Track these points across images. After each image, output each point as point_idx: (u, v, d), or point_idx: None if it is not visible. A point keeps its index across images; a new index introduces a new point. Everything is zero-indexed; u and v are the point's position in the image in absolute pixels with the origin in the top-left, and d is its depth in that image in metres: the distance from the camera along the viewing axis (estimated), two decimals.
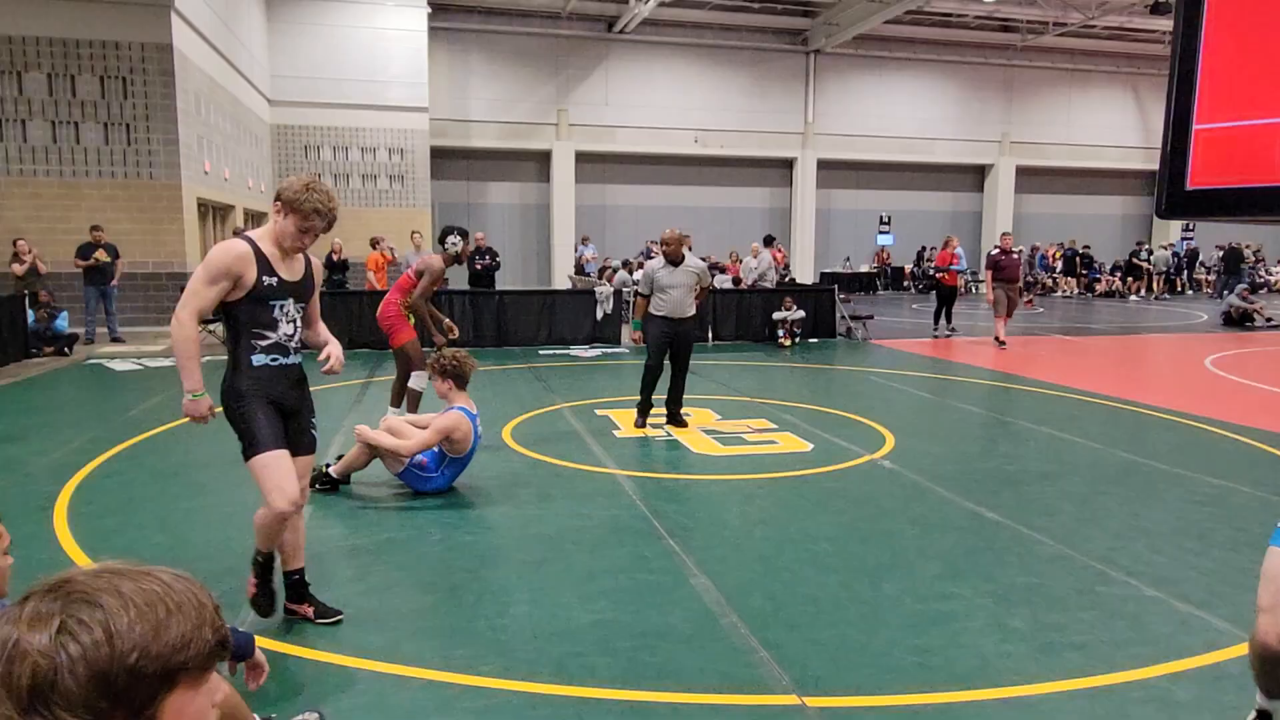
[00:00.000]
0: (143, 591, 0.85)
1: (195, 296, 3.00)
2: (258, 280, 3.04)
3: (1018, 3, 22.56)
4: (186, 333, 3.02)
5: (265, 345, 3.12)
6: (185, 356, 3.06)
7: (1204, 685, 2.93)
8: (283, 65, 19.13)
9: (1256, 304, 15.72)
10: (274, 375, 3.15)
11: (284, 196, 3.05)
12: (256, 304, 3.06)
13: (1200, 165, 0.80)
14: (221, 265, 2.99)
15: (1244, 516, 4.73)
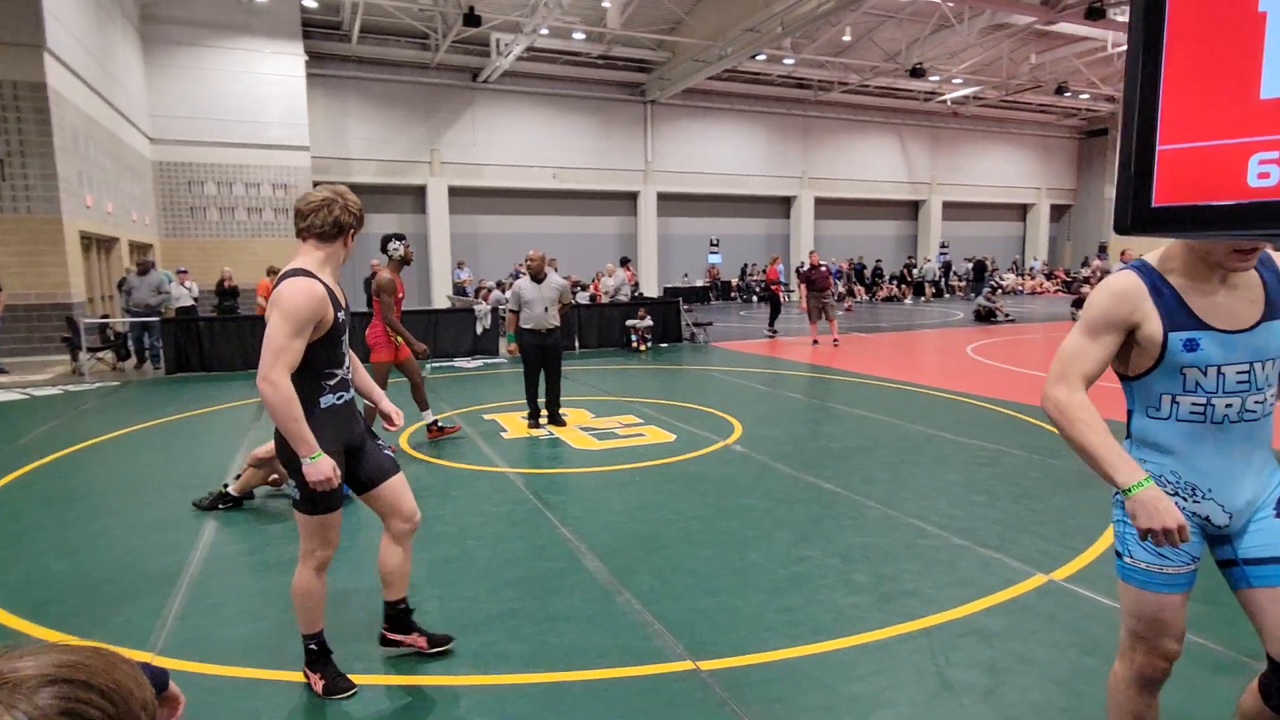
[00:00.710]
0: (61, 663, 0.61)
1: (284, 352, 2.35)
2: (335, 317, 2.48)
3: (810, 65, 23.80)
4: (284, 393, 2.34)
5: (334, 383, 2.53)
6: (290, 419, 2.36)
7: (1010, 616, 3.08)
8: (162, 105, 17.31)
9: (998, 304, 17.28)
10: (341, 414, 2.56)
11: (346, 222, 2.57)
12: (333, 341, 2.50)
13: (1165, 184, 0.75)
14: (307, 312, 2.37)
15: (1017, 473, 5.10)
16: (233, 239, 18.17)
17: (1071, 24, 19.25)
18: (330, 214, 2.54)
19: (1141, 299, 1.70)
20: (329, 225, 2.54)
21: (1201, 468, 1.72)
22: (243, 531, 4.28)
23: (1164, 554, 1.73)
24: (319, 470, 2.38)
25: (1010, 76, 24.49)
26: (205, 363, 10.73)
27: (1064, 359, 1.79)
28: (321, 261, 2.55)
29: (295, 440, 2.37)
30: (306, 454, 2.37)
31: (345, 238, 2.60)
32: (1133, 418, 1.84)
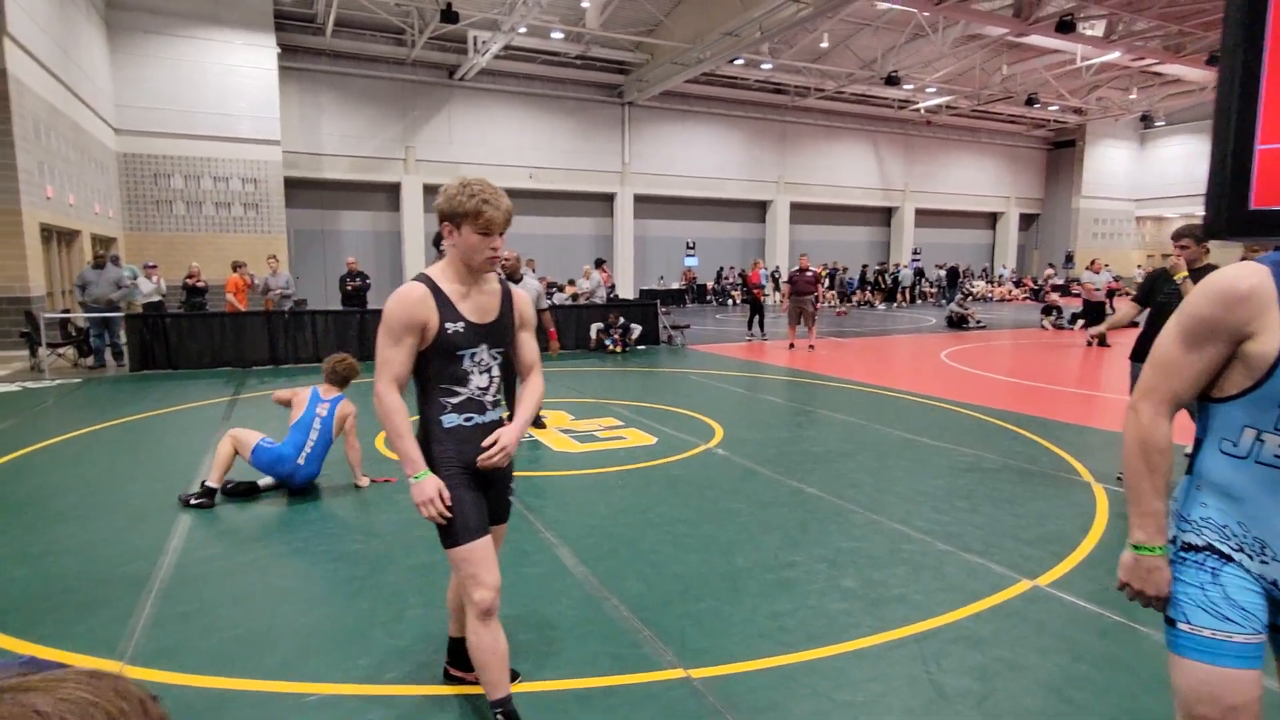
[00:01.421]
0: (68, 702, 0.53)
1: (386, 365, 2.17)
2: (440, 328, 2.18)
3: (788, 71, 23.97)
4: (386, 406, 2.14)
5: (456, 403, 2.24)
6: (394, 434, 2.15)
7: (998, 621, 3.09)
8: (129, 95, 16.85)
9: (970, 310, 17.53)
10: (469, 438, 2.25)
11: (446, 210, 2.19)
12: (443, 356, 2.21)
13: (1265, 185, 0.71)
14: (402, 318, 2.15)
15: (997, 479, 5.15)
16: (200, 234, 17.75)
17: (1042, 36, 19.65)
18: (439, 206, 2.22)
19: (1268, 305, 1.30)
20: (440, 219, 2.22)
21: (1276, 524, 1.38)
22: (214, 534, 4.14)
23: (1229, 617, 1.40)
24: (422, 490, 2.15)
25: (982, 86, 24.93)
26: (172, 360, 10.44)
27: (1157, 368, 1.47)
28: (443, 267, 2.26)
29: (401, 456, 2.17)
30: (410, 473, 2.16)
31: (449, 232, 2.20)
32: (1202, 450, 1.50)
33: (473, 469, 2.26)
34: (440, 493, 2.15)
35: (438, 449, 2.23)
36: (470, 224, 2.16)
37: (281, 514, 4.52)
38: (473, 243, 2.18)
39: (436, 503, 2.15)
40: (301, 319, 11.27)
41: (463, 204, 2.15)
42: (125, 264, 12.43)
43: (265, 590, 3.46)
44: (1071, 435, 6.50)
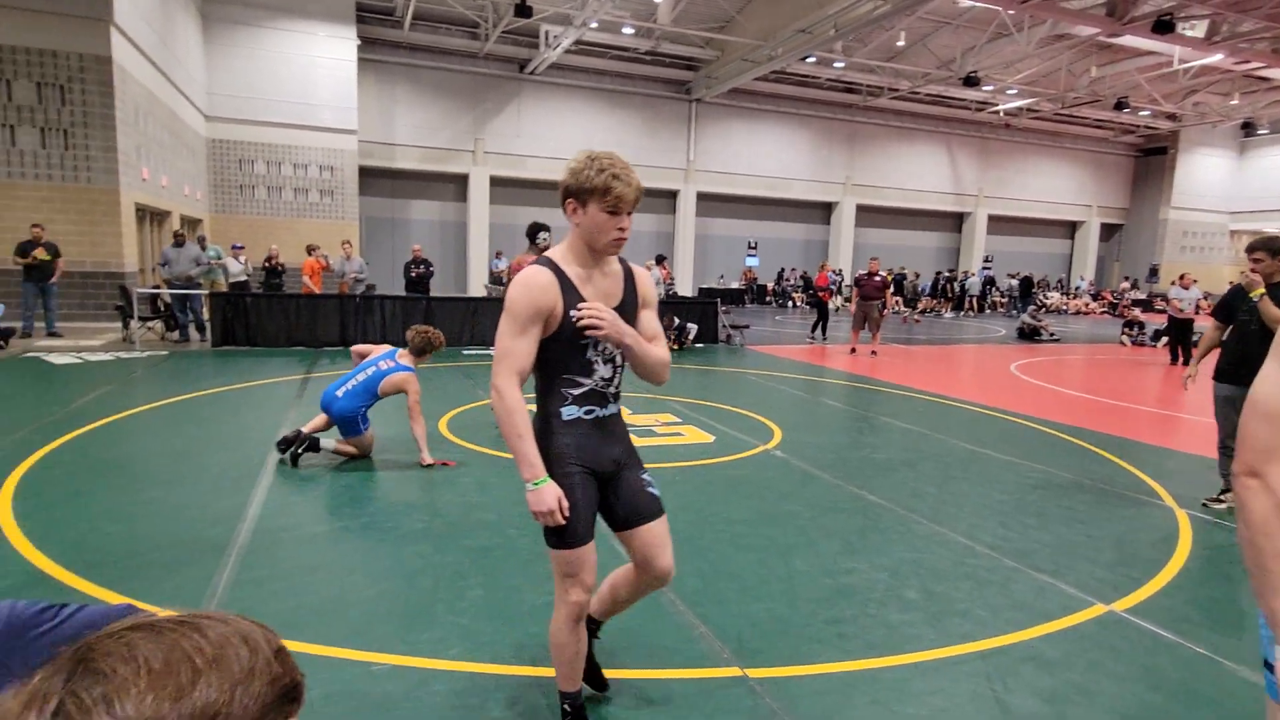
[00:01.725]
0: (165, 649, 0.58)
1: (509, 356, 1.99)
2: (564, 315, 2.02)
3: (860, 70, 23.51)
4: (506, 403, 1.97)
5: (578, 394, 2.10)
6: (513, 434, 1.98)
7: (1069, 644, 2.99)
8: (219, 84, 17.67)
9: (1043, 321, 16.91)
10: (590, 432, 2.11)
11: (572, 186, 2.01)
12: (566, 344, 2.05)
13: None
14: (527, 307, 1.99)
15: (1069, 497, 4.96)
16: (279, 218, 18.50)
17: (1137, 37, 18.75)
18: (564, 182, 2.04)
19: None
20: (563, 197, 2.05)
21: None
22: (288, 505, 4.32)
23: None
24: (540, 499, 1.97)
25: (1068, 89, 23.95)
26: (250, 337, 10.93)
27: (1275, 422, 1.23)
28: (565, 248, 2.11)
29: (517, 459, 1.99)
30: (529, 478, 1.99)
31: (573, 210, 2.03)
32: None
33: (590, 466, 2.11)
34: (560, 503, 1.99)
35: (555, 442, 2.08)
36: (597, 201, 1.99)
37: (349, 491, 4.68)
38: (599, 221, 2.01)
39: (556, 515, 1.98)
40: (371, 303, 11.64)
41: (590, 179, 1.98)
42: (210, 244, 13.06)
43: (335, 562, 3.60)
44: (1150, 456, 6.21)
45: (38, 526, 3.84)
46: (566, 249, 2.10)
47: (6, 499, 4.22)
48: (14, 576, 3.27)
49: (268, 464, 5.08)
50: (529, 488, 2.00)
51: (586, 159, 2.01)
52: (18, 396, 7.09)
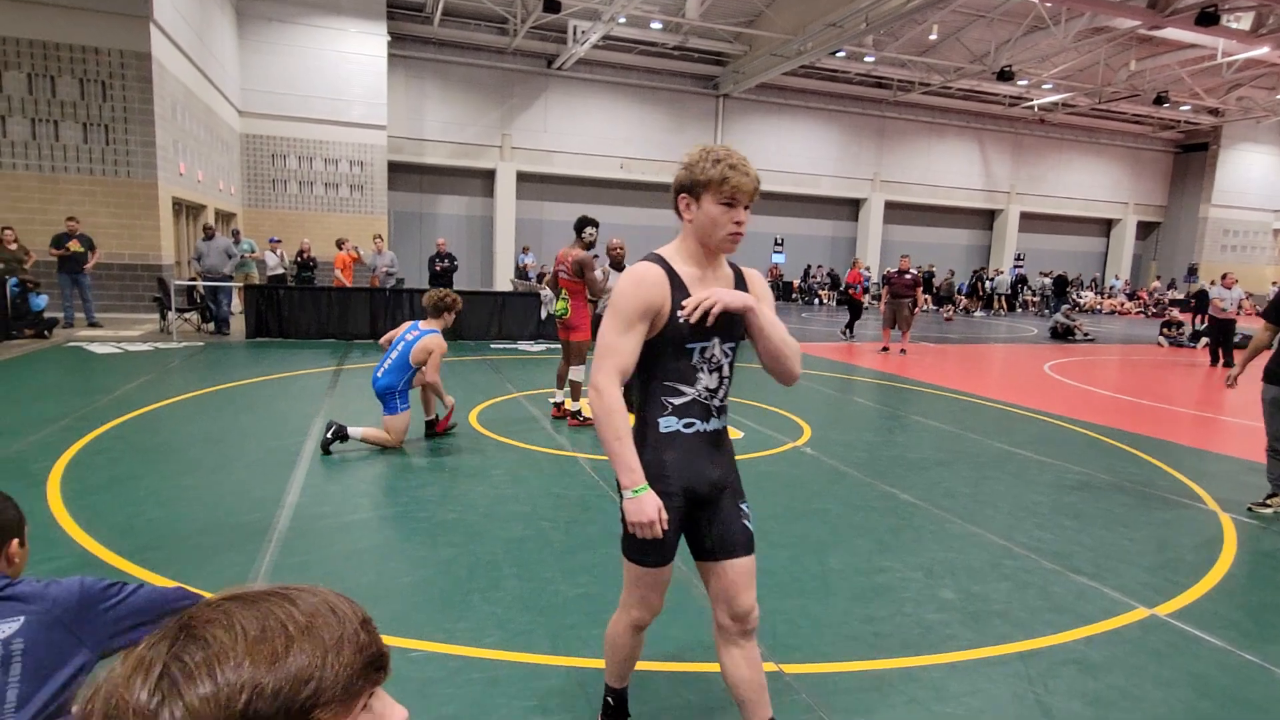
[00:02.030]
0: (260, 617, 0.60)
1: (611, 353, 1.85)
2: (671, 316, 1.88)
3: (891, 64, 23.23)
4: (605, 403, 1.82)
5: (679, 405, 1.92)
6: (611, 436, 1.82)
7: (1112, 648, 2.94)
8: (253, 79, 17.94)
9: (1077, 321, 16.60)
10: (690, 448, 1.93)
11: (686, 180, 1.91)
12: (669, 348, 1.90)
13: None
14: (635, 303, 1.85)
15: (1108, 499, 4.87)
16: (310, 212, 18.75)
17: (1179, 30, 18.30)
18: (678, 177, 1.95)
19: None
20: (676, 192, 1.95)
21: None
22: (324, 494, 4.39)
23: None
24: (641, 508, 1.81)
25: (1106, 83, 23.45)
26: (283, 329, 11.10)
27: None
28: (678, 246, 1.97)
29: (614, 463, 1.83)
30: (627, 484, 1.82)
31: (686, 205, 1.93)
32: None
33: (685, 486, 1.92)
34: (661, 514, 1.82)
35: (649, 456, 1.90)
36: (713, 194, 1.87)
37: (383, 481, 4.75)
38: (714, 215, 1.87)
39: (656, 526, 1.81)
40: (400, 296, 11.76)
41: (705, 171, 1.87)
42: (245, 238, 13.29)
43: (372, 549, 3.66)
44: (1193, 459, 6.08)
45: (85, 510, 3.95)
46: (678, 247, 1.97)
47: (55, 483, 4.34)
48: (66, 558, 3.36)
49: (304, 452, 5.17)
50: (627, 495, 1.82)
51: (701, 151, 1.90)
52: (63, 384, 7.28)
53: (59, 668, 1.50)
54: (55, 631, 1.50)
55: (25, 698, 1.46)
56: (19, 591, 1.51)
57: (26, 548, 1.72)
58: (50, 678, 1.48)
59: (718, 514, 1.98)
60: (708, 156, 1.89)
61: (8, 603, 1.49)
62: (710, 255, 1.96)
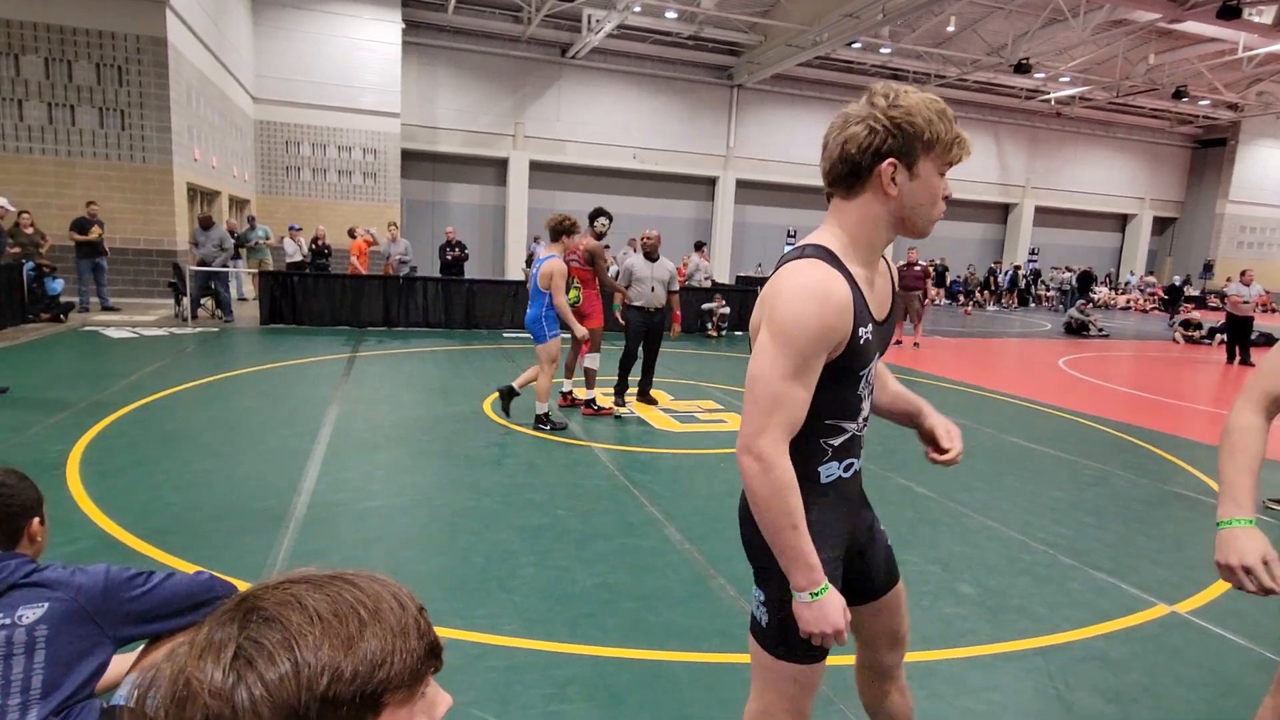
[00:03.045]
0: (331, 601, 0.59)
1: (779, 406, 1.33)
2: (852, 336, 1.37)
3: (907, 56, 23.01)
4: (776, 479, 1.32)
5: (839, 444, 1.48)
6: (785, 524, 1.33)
7: (1132, 645, 2.92)
8: (267, 66, 17.95)
9: (1092, 317, 16.47)
10: (849, 494, 1.54)
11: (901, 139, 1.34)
12: (840, 378, 1.42)
13: None
14: (819, 334, 1.32)
15: (1127, 496, 4.84)
16: (323, 200, 18.78)
17: (1200, 23, 18.03)
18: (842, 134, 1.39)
19: None
20: (839, 161, 1.39)
21: None
22: (339, 481, 4.41)
23: None
24: (823, 617, 1.36)
25: (1124, 77, 23.17)
26: (297, 316, 11.14)
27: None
28: (836, 234, 1.43)
29: (787, 558, 1.36)
30: (805, 586, 1.36)
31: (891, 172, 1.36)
32: None
33: (849, 544, 1.56)
34: (846, 617, 1.39)
35: (812, 518, 1.43)
36: (938, 158, 1.37)
37: (399, 467, 4.76)
38: (933, 186, 1.38)
39: (843, 635, 1.39)
40: (414, 285, 11.78)
41: (932, 126, 1.33)
42: (260, 224, 13.33)
43: (389, 536, 3.67)
44: (1208, 456, 6.02)
45: (105, 494, 3.98)
46: (845, 236, 1.42)
47: (75, 467, 4.37)
48: (87, 540, 3.39)
49: (320, 438, 5.19)
50: (802, 599, 1.37)
51: (920, 101, 1.35)
52: (79, 368, 7.33)
53: (83, 657, 1.51)
54: (79, 621, 1.50)
55: (50, 685, 1.46)
56: (45, 577, 1.52)
57: (46, 526, 1.73)
58: (74, 666, 1.49)
59: (874, 551, 1.67)
60: (926, 106, 1.35)
61: (33, 589, 1.50)
62: (878, 249, 1.46)
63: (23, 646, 1.45)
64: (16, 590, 1.49)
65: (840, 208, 1.43)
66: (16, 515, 1.63)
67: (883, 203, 1.39)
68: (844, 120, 1.39)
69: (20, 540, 1.64)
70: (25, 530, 1.65)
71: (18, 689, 1.44)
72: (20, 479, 1.68)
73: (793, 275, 1.35)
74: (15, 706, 1.43)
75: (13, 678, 1.44)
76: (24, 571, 1.51)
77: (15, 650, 1.44)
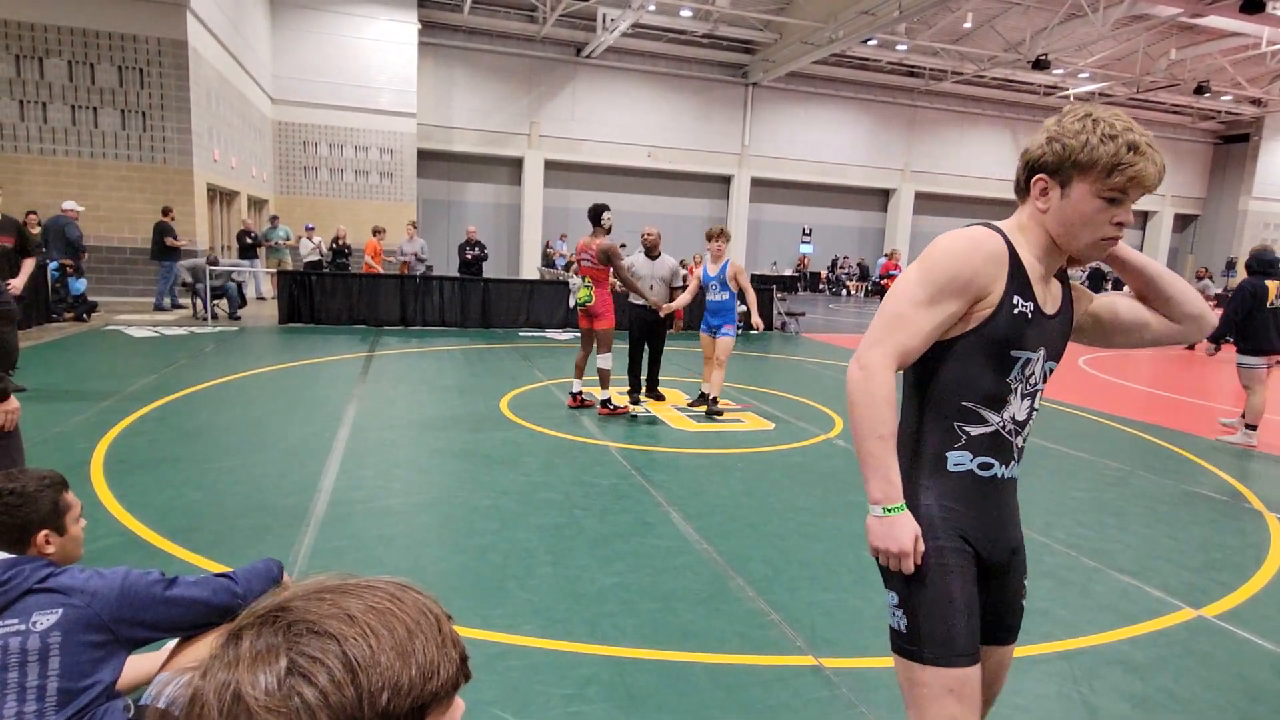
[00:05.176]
0: (375, 611, 0.58)
1: (899, 327, 1.36)
2: (1003, 302, 1.37)
3: (923, 53, 22.82)
4: (876, 387, 1.35)
5: (977, 436, 1.42)
6: (871, 433, 1.35)
7: (1157, 649, 2.87)
8: (285, 67, 18.09)
9: None
10: (986, 498, 1.44)
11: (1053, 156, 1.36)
12: (985, 354, 1.39)
13: None
14: (957, 270, 1.35)
15: (1150, 497, 4.77)
16: (340, 200, 18.91)
17: (1223, 17, 17.75)
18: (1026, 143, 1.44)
19: None
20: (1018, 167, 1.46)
21: None
22: (359, 479, 4.43)
23: None
24: (890, 532, 1.35)
25: (1144, 73, 22.84)
26: (315, 315, 11.23)
27: None
28: (1020, 225, 1.45)
29: (869, 466, 1.36)
30: (879, 499, 1.36)
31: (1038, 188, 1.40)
32: None
33: (978, 549, 1.43)
34: (917, 544, 1.36)
35: (932, 500, 1.41)
36: (1094, 181, 1.33)
37: (416, 467, 4.78)
38: (1086, 212, 1.35)
39: (909, 560, 1.35)
40: (430, 284, 11.84)
41: (1089, 146, 1.31)
42: (281, 224, 13.45)
43: (408, 535, 3.68)
44: (1235, 458, 5.93)
45: (128, 491, 4.02)
46: (1021, 229, 1.44)
47: (98, 465, 4.42)
48: (111, 538, 3.43)
49: (339, 437, 5.22)
50: (876, 512, 1.36)
51: (1082, 115, 1.35)
52: (103, 367, 7.43)
53: (99, 663, 1.49)
54: (93, 628, 1.48)
55: (66, 691, 1.45)
56: (61, 583, 1.50)
57: (68, 535, 1.70)
58: (89, 673, 1.47)
59: (1003, 588, 1.52)
60: (1096, 126, 1.32)
61: (48, 594, 1.48)
62: (1058, 256, 1.43)
63: (37, 653, 1.44)
64: (32, 595, 1.47)
65: (1017, 211, 1.49)
66: (19, 528, 1.62)
67: (1037, 217, 1.43)
68: (1042, 129, 1.43)
69: (29, 550, 1.63)
70: (33, 541, 1.65)
71: (33, 696, 1.43)
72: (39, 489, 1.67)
73: (957, 232, 1.42)
74: (32, 713, 1.42)
75: (28, 684, 1.43)
76: (40, 576, 1.49)
77: (30, 657, 1.43)
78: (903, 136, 26.69)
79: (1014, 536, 1.53)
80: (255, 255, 13.38)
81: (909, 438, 1.48)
